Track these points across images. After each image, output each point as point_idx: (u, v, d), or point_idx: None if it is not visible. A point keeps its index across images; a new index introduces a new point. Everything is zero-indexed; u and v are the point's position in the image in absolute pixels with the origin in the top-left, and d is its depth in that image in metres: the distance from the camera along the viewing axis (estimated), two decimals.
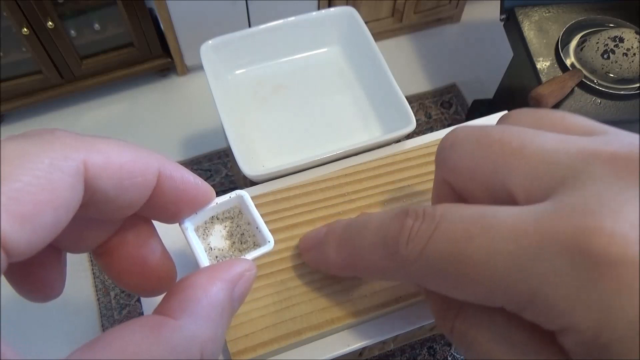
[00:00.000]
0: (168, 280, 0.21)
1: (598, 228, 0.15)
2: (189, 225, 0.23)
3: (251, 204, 0.24)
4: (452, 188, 0.23)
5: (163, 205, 0.19)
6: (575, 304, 0.15)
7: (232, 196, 0.24)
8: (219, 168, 1.09)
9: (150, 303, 0.36)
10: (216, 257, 0.23)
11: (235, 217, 0.24)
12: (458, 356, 0.76)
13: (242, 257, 0.23)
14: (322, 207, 0.37)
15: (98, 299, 0.89)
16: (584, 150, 0.18)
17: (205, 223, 0.24)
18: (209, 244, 0.23)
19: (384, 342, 0.50)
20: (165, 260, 0.21)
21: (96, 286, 0.90)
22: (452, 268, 0.18)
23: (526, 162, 0.18)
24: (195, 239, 0.23)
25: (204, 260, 0.22)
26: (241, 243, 0.24)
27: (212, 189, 0.22)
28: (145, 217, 0.21)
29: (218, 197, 0.23)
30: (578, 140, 0.18)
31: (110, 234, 0.20)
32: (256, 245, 0.24)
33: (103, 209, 0.17)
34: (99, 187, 0.16)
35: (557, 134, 0.19)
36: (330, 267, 0.26)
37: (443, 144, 0.22)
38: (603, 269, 0.15)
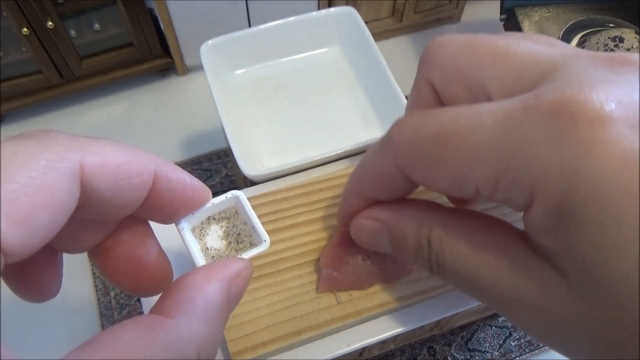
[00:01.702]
0: (164, 280, 0.21)
1: (576, 93, 0.16)
2: (186, 225, 0.22)
3: (247, 204, 0.24)
4: (433, 90, 0.24)
5: (159, 205, 0.19)
6: (548, 163, 0.16)
7: (228, 196, 0.24)
8: (219, 168, 1.09)
9: (150, 303, 0.36)
10: (212, 257, 0.23)
11: (232, 217, 0.24)
12: (458, 356, 0.76)
13: (239, 256, 0.23)
14: (322, 207, 0.36)
15: (98, 299, 0.89)
16: (565, 52, 0.19)
17: (202, 223, 0.24)
18: (205, 244, 0.23)
19: (384, 342, 0.50)
20: (162, 261, 0.21)
21: (96, 286, 0.90)
22: (437, 148, 0.19)
23: (510, 60, 0.19)
24: (192, 239, 0.23)
25: (200, 260, 0.22)
26: (237, 243, 0.24)
27: (209, 189, 0.22)
28: (142, 218, 0.21)
29: (214, 198, 0.23)
30: (561, 46, 0.19)
31: (107, 234, 0.20)
32: (252, 245, 0.24)
33: (99, 210, 0.17)
34: (95, 188, 0.16)
35: (543, 44, 0.20)
36: (350, 204, 0.26)
37: (431, 44, 0.23)
38: (576, 124, 0.15)
